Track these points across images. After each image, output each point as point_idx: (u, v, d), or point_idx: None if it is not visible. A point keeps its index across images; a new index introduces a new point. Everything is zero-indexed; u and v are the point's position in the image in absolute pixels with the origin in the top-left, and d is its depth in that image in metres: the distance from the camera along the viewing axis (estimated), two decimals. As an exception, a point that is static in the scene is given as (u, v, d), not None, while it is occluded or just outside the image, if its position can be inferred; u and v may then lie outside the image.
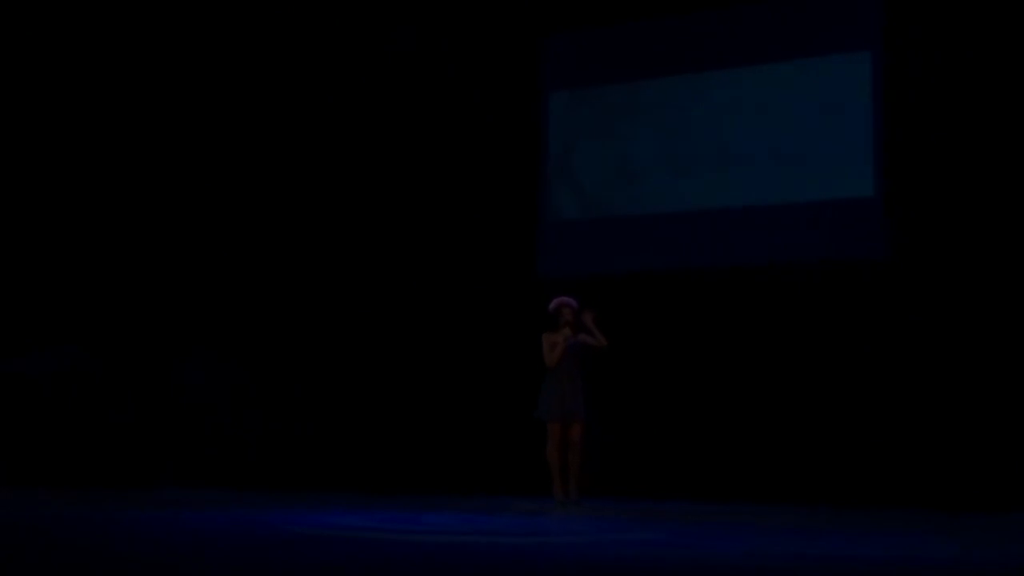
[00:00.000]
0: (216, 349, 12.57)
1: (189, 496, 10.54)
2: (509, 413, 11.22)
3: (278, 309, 12.56)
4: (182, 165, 12.84)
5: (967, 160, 10.40)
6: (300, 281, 12.55)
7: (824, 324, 10.84)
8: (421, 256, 12.27)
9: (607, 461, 10.91)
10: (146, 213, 12.78)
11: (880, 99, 10.77)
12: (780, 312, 11.03)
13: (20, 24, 12.58)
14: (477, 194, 12.14)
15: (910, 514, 9.52)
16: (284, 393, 12.39)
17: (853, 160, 10.86)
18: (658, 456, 11.17)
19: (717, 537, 7.23)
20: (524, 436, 10.67)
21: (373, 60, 12.49)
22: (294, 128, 12.69)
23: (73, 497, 10.12)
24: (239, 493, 11.06)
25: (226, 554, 5.87)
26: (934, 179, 10.51)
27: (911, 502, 10.10)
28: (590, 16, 11.96)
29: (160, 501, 9.91)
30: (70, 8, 12.62)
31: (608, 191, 11.83)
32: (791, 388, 10.86)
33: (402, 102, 12.40)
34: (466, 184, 12.18)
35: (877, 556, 6.21)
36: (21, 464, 11.97)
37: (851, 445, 10.57)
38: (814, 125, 11.07)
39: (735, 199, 11.30)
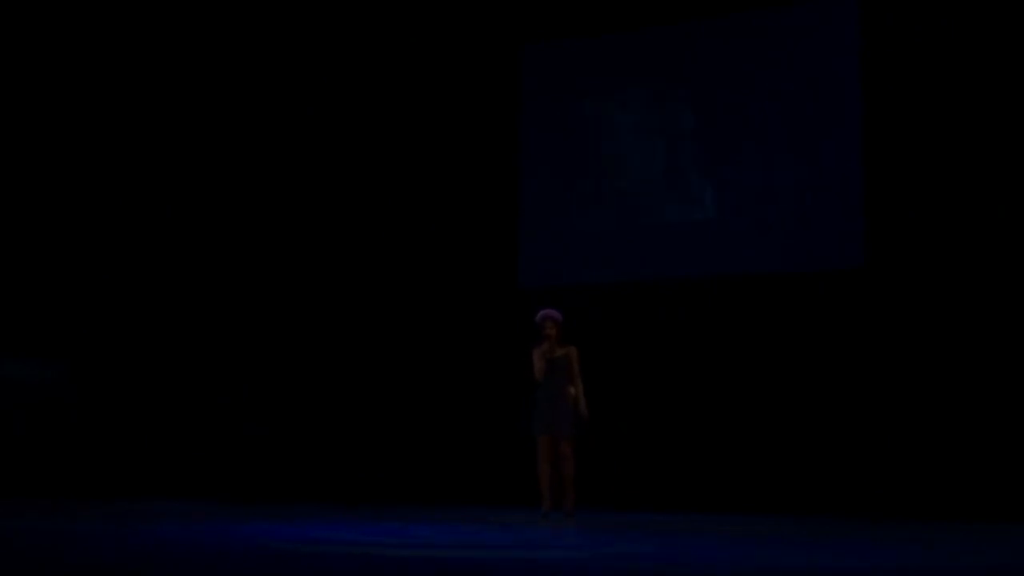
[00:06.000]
0: (195, 363, 12.52)
1: (172, 508, 10.48)
2: (494, 424, 11.21)
3: (260, 321, 12.51)
4: (174, 170, 12.78)
5: (945, 169, 10.47)
6: (285, 294, 12.51)
7: (808, 334, 10.88)
8: (403, 267, 12.25)
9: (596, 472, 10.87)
10: (142, 221, 12.73)
11: (861, 107, 10.83)
12: (763, 322, 11.06)
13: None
14: (459, 205, 12.13)
15: (899, 524, 9.53)
16: (268, 405, 12.35)
17: (835, 174, 10.91)
18: (644, 467, 11.16)
19: (701, 548, 7.22)
20: (512, 447, 10.68)
21: (354, 70, 12.47)
22: (283, 137, 12.66)
23: (49, 508, 10.04)
24: (222, 504, 11.00)
25: (208, 569, 5.83)
26: (914, 186, 10.57)
27: (901, 512, 10.12)
28: (570, 27, 11.96)
29: (143, 513, 9.85)
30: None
31: (589, 202, 11.83)
32: (776, 398, 10.88)
33: (385, 115, 12.39)
34: (448, 196, 12.17)
35: (862, 567, 6.21)
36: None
37: (837, 455, 10.59)
38: (797, 138, 11.12)
39: (718, 209, 11.33)
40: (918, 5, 10.70)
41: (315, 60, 12.57)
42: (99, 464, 12.23)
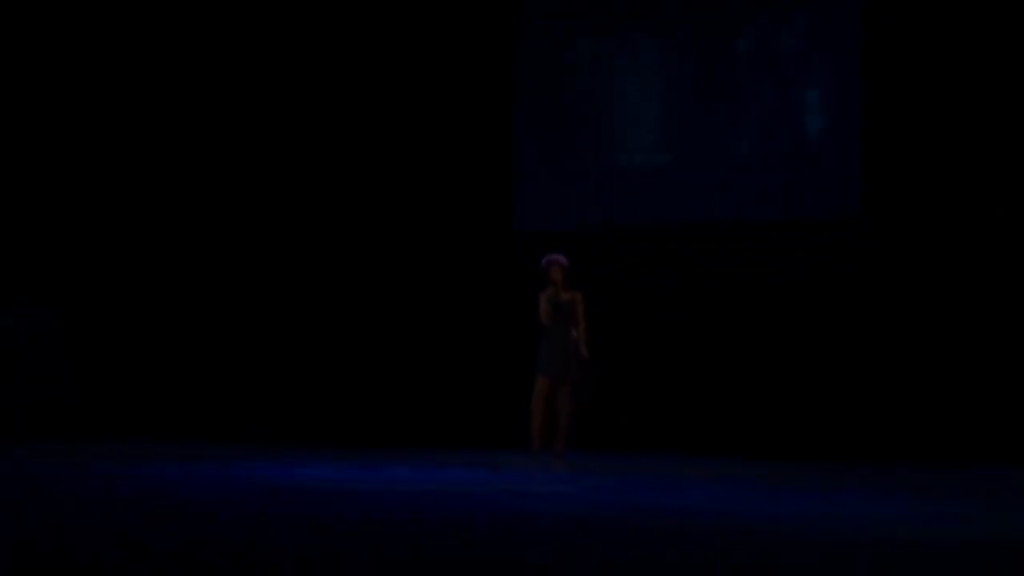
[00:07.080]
0: (189, 301, 12.58)
1: (160, 449, 10.63)
2: (487, 367, 11.32)
3: (253, 263, 12.56)
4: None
5: (944, 122, 10.45)
6: (280, 238, 12.55)
7: (803, 280, 10.92)
8: (397, 212, 12.27)
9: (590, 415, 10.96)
10: (140, 190, 12.81)
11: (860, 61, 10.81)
12: (757, 267, 11.09)
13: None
14: (453, 149, 12.14)
15: (889, 470, 9.60)
16: (258, 345, 12.43)
17: (831, 120, 10.90)
18: (641, 409, 11.25)
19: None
20: (503, 389, 10.79)
21: (339, 21, 12.44)
22: (269, 98, 12.61)
23: (42, 449, 10.23)
24: (211, 445, 11.13)
25: (198, 508, 5.97)
26: (911, 141, 10.56)
27: (889, 457, 10.19)
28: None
29: (130, 452, 10.04)
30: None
31: (582, 146, 11.84)
32: (768, 343, 10.93)
33: (375, 64, 12.38)
34: (441, 140, 12.18)
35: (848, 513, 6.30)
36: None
37: (825, 400, 10.64)
38: (793, 83, 11.11)
39: (713, 156, 11.35)
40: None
41: (309, 19, 12.51)
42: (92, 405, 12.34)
